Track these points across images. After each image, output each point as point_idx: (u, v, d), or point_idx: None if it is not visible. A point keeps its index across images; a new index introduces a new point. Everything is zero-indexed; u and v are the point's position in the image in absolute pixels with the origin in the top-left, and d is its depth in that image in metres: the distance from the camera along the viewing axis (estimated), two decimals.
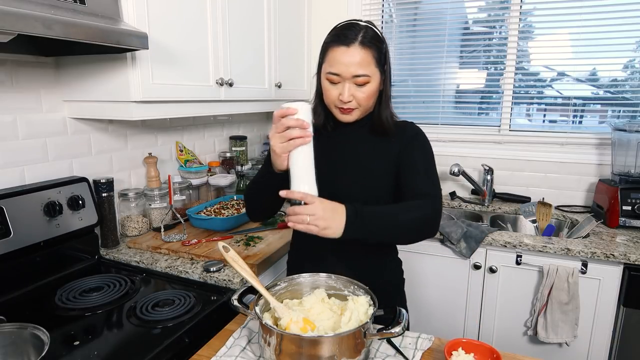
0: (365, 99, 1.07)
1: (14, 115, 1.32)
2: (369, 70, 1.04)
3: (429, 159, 1.16)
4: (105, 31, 1.06)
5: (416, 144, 1.15)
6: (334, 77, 1.06)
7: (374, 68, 1.05)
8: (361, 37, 1.03)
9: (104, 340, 1.03)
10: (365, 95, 1.07)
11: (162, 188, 1.71)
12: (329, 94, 1.10)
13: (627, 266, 1.57)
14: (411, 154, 1.14)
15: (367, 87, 1.06)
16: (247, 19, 1.82)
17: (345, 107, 1.08)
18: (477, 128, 2.35)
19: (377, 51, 1.05)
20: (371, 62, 1.04)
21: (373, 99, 1.10)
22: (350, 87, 1.06)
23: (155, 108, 1.41)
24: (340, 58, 1.04)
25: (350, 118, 1.11)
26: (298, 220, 0.92)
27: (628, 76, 2.07)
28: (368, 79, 1.05)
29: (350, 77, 1.04)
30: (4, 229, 1.19)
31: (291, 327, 0.87)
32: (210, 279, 1.32)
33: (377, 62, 1.06)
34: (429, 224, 1.06)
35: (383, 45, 1.08)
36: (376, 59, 1.05)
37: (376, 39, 1.06)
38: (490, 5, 2.24)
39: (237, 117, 2.39)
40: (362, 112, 1.12)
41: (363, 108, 1.10)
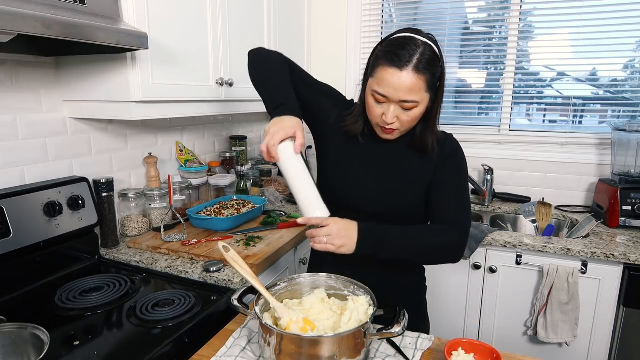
0: (409, 122, 1.03)
1: (14, 115, 1.32)
2: (419, 97, 0.98)
3: (462, 180, 1.12)
4: (105, 31, 1.06)
5: (452, 162, 1.11)
6: (380, 97, 1.01)
7: (424, 93, 0.99)
8: (416, 61, 0.96)
9: (104, 340, 1.03)
10: (410, 119, 1.02)
11: (162, 188, 1.71)
12: (372, 111, 1.05)
13: (627, 266, 1.57)
14: (445, 174, 1.10)
15: (413, 111, 1.01)
16: (247, 19, 1.83)
17: (387, 128, 1.04)
18: (477, 128, 2.35)
19: (430, 76, 0.98)
20: (422, 87, 0.98)
21: (417, 121, 1.05)
22: (396, 110, 1.01)
23: (155, 108, 1.41)
24: (390, 80, 0.97)
25: (391, 137, 1.08)
26: (317, 242, 0.99)
27: (628, 76, 2.07)
28: (416, 105, 0.99)
29: (398, 101, 0.99)
30: (4, 229, 1.19)
31: (291, 327, 0.87)
32: (210, 279, 1.32)
33: (429, 87, 0.99)
34: (452, 250, 1.06)
35: (438, 68, 1.01)
36: (428, 83, 0.98)
37: (432, 61, 0.98)
38: (490, 5, 2.24)
39: (237, 117, 2.39)
40: (403, 132, 1.08)
41: (405, 130, 1.06)
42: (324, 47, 2.47)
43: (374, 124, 1.09)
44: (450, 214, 1.07)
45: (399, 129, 1.05)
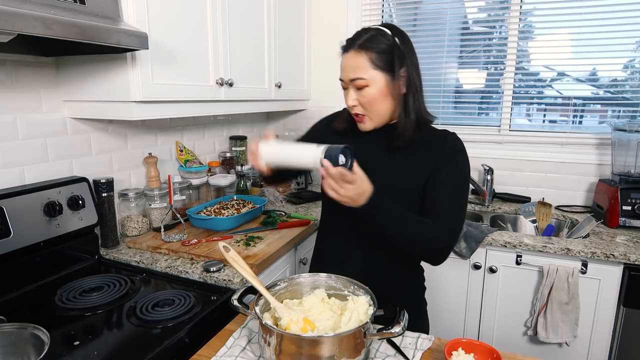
0: (368, 104, 1.05)
1: (14, 115, 1.32)
2: (365, 74, 1.03)
3: (460, 183, 1.11)
4: (105, 31, 1.06)
5: (452, 163, 1.09)
6: (342, 83, 1.09)
7: (371, 71, 1.03)
8: (360, 41, 1.03)
9: (104, 340, 1.03)
10: (366, 99, 1.04)
11: (162, 188, 1.71)
12: (344, 101, 1.10)
13: (627, 266, 1.57)
14: (443, 174, 1.08)
15: (366, 90, 1.04)
16: (247, 19, 1.83)
17: (354, 113, 1.09)
18: (477, 128, 2.35)
19: (376, 53, 1.02)
20: (366, 65, 1.02)
21: (380, 104, 1.06)
22: (353, 92, 1.06)
23: (155, 108, 1.41)
24: (342, 64, 1.07)
25: (364, 127, 1.10)
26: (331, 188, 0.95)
27: (628, 76, 2.07)
28: (364, 82, 1.03)
29: (348, 81, 1.05)
30: (4, 229, 1.19)
31: (291, 327, 0.87)
32: (210, 279, 1.32)
33: (376, 65, 1.02)
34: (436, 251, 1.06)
35: (389, 47, 1.03)
36: (373, 61, 1.02)
37: (375, 38, 1.03)
38: (490, 5, 2.24)
39: (237, 117, 2.39)
40: (375, 120, 1.08)
41: (372, 115, 1.07)
42: (324, 47, 2.47)
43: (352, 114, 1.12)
44: (442, 216, 1.06)
45: (365, 114, 1.08)
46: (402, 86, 1.05)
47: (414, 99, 1.07)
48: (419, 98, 1.08)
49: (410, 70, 1.05)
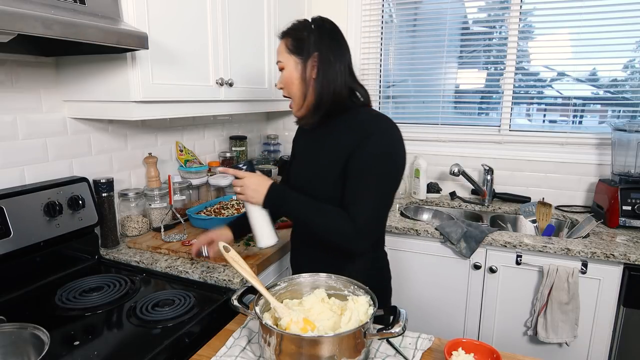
0: (285, 86, 1.17)
1: (14, 115, 1.32)
2: (282, 57, 1.15)
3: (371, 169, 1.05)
4: (105, 31, 1.06)
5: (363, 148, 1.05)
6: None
7: (286, 55, 1.14)
8: (284, 30, 1.17)
9: (104, 340, 1.03)
10: (283, 81, 1.17)
11: (162, 188, 1.71)
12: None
13: (627, 266, 1.57)
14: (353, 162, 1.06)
15: (283, 73, 1.16)
16: (247, 19, 1.82)
17: (284, 96, 1.19)
18: (477, 128, 2.35)
19: (293, 39, 1.14)
20: (283, 50, 1.15)
21: (293, 86, 1.15)
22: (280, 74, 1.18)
23: (155, 108, 1.41)
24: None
25: (295, 112, 1.20)
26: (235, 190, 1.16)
27: (628, 76, 2.07)
28: (282, 65, 1.16)
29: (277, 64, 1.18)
30: (4, 229, 1.19)
31: (291, 327, 0.87)
32: (210, 279, 1.32)
33: (289, 50, 1.14)
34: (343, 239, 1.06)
35: (302, 33, 1.13)
36: (288, 47, 1.14)
37: (295, 28, 1.15)
38: (490, 5, 2.24)
39: (237, 117, 2.39)
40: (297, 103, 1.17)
41: (293, 97, 1.17)
42: None
43: None
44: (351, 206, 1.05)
45: (288, 95, 1.18)
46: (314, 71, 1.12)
47: (322, 84, 1.12)
48: (327, 83, 1.11)
49: (322, 57, 1.12)
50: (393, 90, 2.52)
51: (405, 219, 1.95)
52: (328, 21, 1.19)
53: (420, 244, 1.84)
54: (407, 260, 1.88)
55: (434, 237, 1.80)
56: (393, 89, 2.52)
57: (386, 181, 1.07)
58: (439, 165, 2.39)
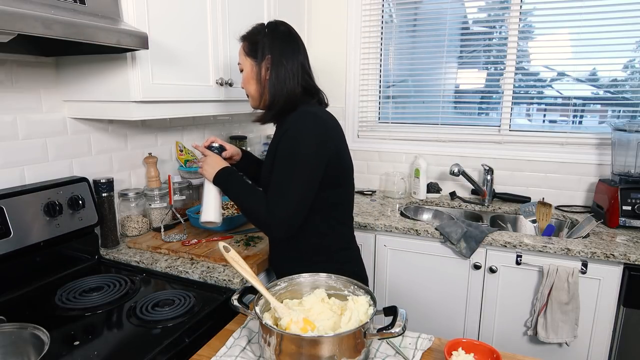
0: (244, 85, 1.27)
1: (14, 115, 1.32)
2: (241, 60, 1.26)
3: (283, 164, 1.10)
4: (105, 31, 1.06)
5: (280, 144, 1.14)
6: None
7: (244, 57, 1.24)
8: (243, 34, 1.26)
9: (104, 340, 1.03)
10: (242, 82, 1.28)
11: (162, 188, 1.71)
12: None
13: (627, 266, 1.57)
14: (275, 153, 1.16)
15: (242, 74, 1.27)
16: (247, 19, 1.82)
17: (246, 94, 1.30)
18: (477, 128, 2.35)
19: (249, 42, 1.23)
20: (241, 52, 1.25)
21: (250, 86, 1.25)
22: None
23: (155, 108, 1.41)
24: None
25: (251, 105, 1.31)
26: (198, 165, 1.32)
27: (628, 76, 2.07)
28: (241, 67, 1.27)
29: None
30: (4, 229, 1.19)
31: (291, 327, 0.87)
32: (210, 279, 1.32)
33: (246, 52, 1.24)
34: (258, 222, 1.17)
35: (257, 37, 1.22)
36: (245, 50, 1.24)
37: (251, 32, 1.24)
38: (490, 5, 2.24)
39: (237, 117, 2.39)
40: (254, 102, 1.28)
41: (250, 96, 1.27)
42: (324, 47, 2.47)
43: None
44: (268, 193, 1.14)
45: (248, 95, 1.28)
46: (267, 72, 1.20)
47: (274, 85, 1.19)
48: (279, 84, 1.19)
49: (275, 58, 1.19)
50: (393, 90, 2.52)
51: (405, 219, 1.96)
52: (282, 24, 1.26)
53: (420, 244, 1.84)
54: (407, 260, 1.88)
55: (434, 237, 1.80)
56: (393, 89, 2.52)
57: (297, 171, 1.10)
58: (439, 165, 2.39)
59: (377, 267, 1.94)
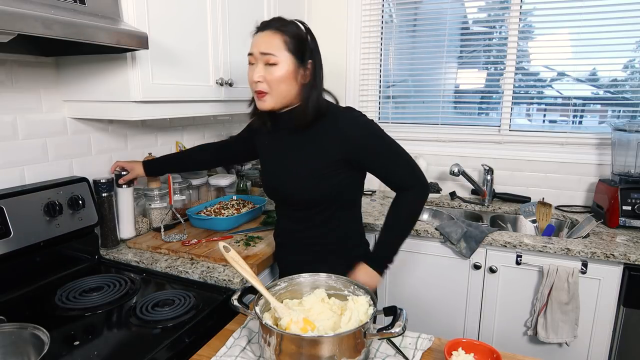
0: (274, 81, 1.12)
1: (14, 115, 1.32)
2: (277, 52, 1.11)
3: (387, 146, 1.19)
4: (105, 31, 1.06)
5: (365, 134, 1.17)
6: (250, 57, 1.15)
7: (284, 52, 1.11)
8: (277, 25, 1.13)
9: (104, 340, 1.03)
10: (273, 77, 1.12)
11: (162, 188, 1.71)
12: (248, 77, 1.17)
13: (627, 266, 1.57)
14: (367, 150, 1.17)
15: (275, 68, 1.11)
16: (247, 19, 1.82)
17: (258, 89, 1.14)
18: (477, 128, 2.35)
19: (290, 39, 1.12)
20: (280, 45, 1.11)
21: (284, 85, 1.13)
22: (261, 68, 1.13)
23: (155, 108, 1.41)
24: (255, 40, 1.15)
25: (264, 105, 1.16)
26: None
27: (628, 76, 2.07)
28: (275, 60, 1.11)
29: (259, 54, 1.12)
30: (4, 229, 1.19)
31: (291, 327, 0.87)
32: (210, 279, 1.32)
33: (289, 49, 1.12)
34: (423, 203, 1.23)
35: (304, 39, 1.15)
36: (287, 44, 1.12)
37: (292, 29, 1.13)
38: (490, 5, 2.24)
39: (237, 117, 2.39)
40: (275, 100, 1.15)
41: (275, 94, 1.14)
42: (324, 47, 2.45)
43: (254, 95, 1.19)
44: (404, 181, 1.20)
45: (268, 91, 1.14)
46: (307, 76, 1.16)
47: (317, 92, 1.16)
48: (320, 92, 1.17)
49: (316, 65, 1.17)
50: (393, 90, 2.52)
51: None
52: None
53: (420, 244, 1.84)
54: (407, 260, 1.88)
55: (434, 237, 1.80)
56: (393, 89, 2.52)
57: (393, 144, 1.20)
58: (439, 165, 2.39)
59: None
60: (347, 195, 1.25)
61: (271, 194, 1.32)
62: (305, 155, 1.19)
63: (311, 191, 1.19)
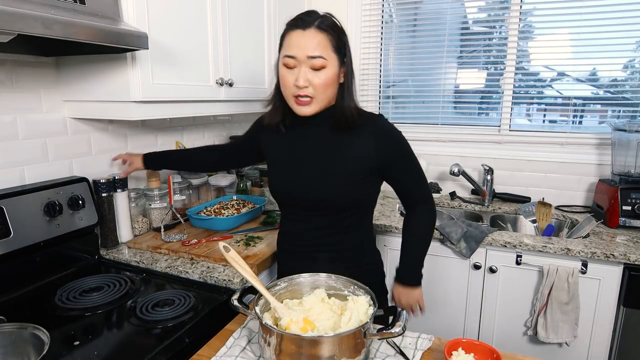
0: (322, 86, 1.04)
1: (14, 115, 1.32)
2: (325, 54, 1.03)
3: (413, 159, 1.19)
4: (105, 31, 1.06)
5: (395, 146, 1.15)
6: (290, 60, 1.04)
7: (331, 53, 1.04)
8: (318, 22, 1.04)
9: (104, 340, 1.03)
10: (321, 81, 1.03)
11: (162, 188, 1.71)
12: (285, 81, 1.07)
13: (627, 266, 1.57)
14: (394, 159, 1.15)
15: (323, 72, 1.03)
16: (247, 19, 1.82)
17: (302, 94, 1.05)
18: (477, 128, 2.35)
19: (334, 37, 1.05)
20: (327, 46, 1.04)
21: (331, 88, 1.07)
22: (307, 72, 1.03)
23: (155, 108, 1.41)
24: (297, 41, 1.03)
25: (307, 110, 1.08)
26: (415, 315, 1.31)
27: (628, 76, 2.07)
28: (324, 63, 1.03)
29: (306, 58, 1.02)
30: (4, 229, 1.19)
31: (291, 327, 0.87)
32: (210, 279, 1.32)
33: (335, 49, 1.05)
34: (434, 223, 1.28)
35: (342, 35, 1.08)
36: (333, 45, 1.05)
37: (334, 26, 1.07)
38: (490, 5, 2.24)
39: (237, 117, 2.39)
40: (319, 105, 1.08)
41: (320, 99, 1.07)
42: None
43: (289, 100, 1.10)
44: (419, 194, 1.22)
45: (314, 96, 1.06)
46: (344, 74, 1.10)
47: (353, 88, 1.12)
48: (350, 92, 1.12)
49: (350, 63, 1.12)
50: (393, 90, 2.52)
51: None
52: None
53: None
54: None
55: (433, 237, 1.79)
56: (393, 89, 2.52)
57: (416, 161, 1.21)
58: (439, 165, 2.39)
59: None
60: (370, 202, 1.23)
61: (285, 195, 1.22)
62: (341, 158, 1.12)
63: (345, 195, 1.13)
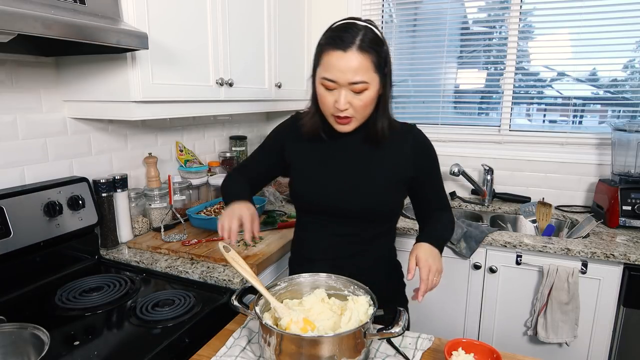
0: (363, 107, 1.02)
1: (14, 115, 1.32)
2: (367, 77, 0.98)
3: (439, 170, 1.23)
4: (105, 31, 1.06)
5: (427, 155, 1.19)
6: (330, 83, 1.00)
7: (373, 74, 0.99)
8: (359, 41, 0.96)
9: (104, 340, 1.03)
10: (362, 103, 1.01)
11: (162, 188, 1.71)
12: (324, 101, 1.04)
13: (627, 266, 1.57)
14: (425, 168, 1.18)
15: (364, 94, 1.00)
16: (247, 19, 1.82)
17: (342, 116, 1.03)
18: (477, 128, 2.35)
19: (376, 56, 0.98)
20: (369, 67, 0.98)
21: (371, 106, 1.05)
22: (347, 94, 1.00)
23: (155, 108, 1.41)
24: (337, 63, 0.97)
25: (347, 128, 1.07)
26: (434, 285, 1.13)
27: (628, 76, 2.07)
28: (366, 86, 0.99)
29: (347, 84, 0.98)
30: (4, 229, 1.19)
31: (291, 327, 0.87)
32: (210, 279, 1.32)
33: (376, 68, 0.99)
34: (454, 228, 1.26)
35: (383, 48, 1.01)
36: (375, 64, 0.99)
37: (375, 41, 0.99)
38: (490, 5, 2.24)
39: (237, 117, 2.39)
40: (359, 122, 1.07)
41: (360, 117, 1.05)
42: None
43: (327, 116, 1.07)
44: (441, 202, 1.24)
45: (354, 116, 1.03)
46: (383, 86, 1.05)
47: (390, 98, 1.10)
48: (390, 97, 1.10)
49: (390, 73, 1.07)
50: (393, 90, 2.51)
51: (405, 219, 1.95)
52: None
53: None
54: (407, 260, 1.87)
55: None
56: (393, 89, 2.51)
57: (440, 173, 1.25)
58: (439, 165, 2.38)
59: None
60: (399, 212, 1.24)
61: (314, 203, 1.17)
62: (378, 167, 1.12)
63: (383, 203, 1.13)
